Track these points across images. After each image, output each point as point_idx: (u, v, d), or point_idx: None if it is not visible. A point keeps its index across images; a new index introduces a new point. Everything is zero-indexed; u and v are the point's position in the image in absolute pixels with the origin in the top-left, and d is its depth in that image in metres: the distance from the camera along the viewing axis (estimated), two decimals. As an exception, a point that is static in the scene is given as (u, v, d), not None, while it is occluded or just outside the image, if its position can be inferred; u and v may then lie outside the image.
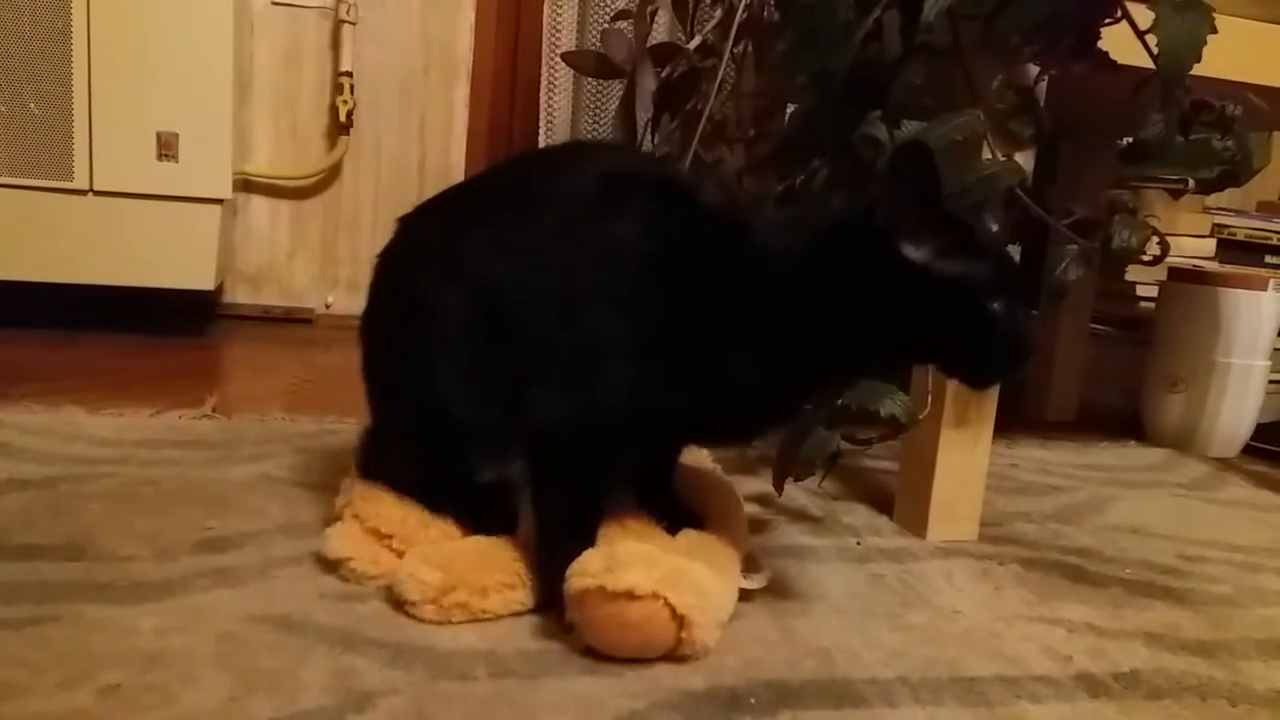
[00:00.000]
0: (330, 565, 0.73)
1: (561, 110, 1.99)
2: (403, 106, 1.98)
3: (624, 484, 0.75)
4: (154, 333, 1.64)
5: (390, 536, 0.73)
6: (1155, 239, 0.84)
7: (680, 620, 0.63)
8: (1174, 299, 1.44)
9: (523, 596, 0.69)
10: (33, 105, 1.47)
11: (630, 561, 0.63)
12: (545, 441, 0.69)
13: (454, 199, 0.80)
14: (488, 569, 0.68)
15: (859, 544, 0.90)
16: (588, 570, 0.63)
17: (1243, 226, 1.76)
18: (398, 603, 0.67)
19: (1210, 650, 0.74)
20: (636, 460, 0.75)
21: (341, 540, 0.73)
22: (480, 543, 0.72)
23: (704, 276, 0.66)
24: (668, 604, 0.62)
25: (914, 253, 0.62)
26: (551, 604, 0.67)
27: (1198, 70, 0.75)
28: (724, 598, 0.68)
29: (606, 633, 0.63)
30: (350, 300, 1.99)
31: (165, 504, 0.84)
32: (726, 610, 0.68)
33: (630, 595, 0.62)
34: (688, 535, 0.74)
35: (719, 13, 1.15)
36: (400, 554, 0.72)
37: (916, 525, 0.94)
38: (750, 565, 0.76)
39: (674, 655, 0.64)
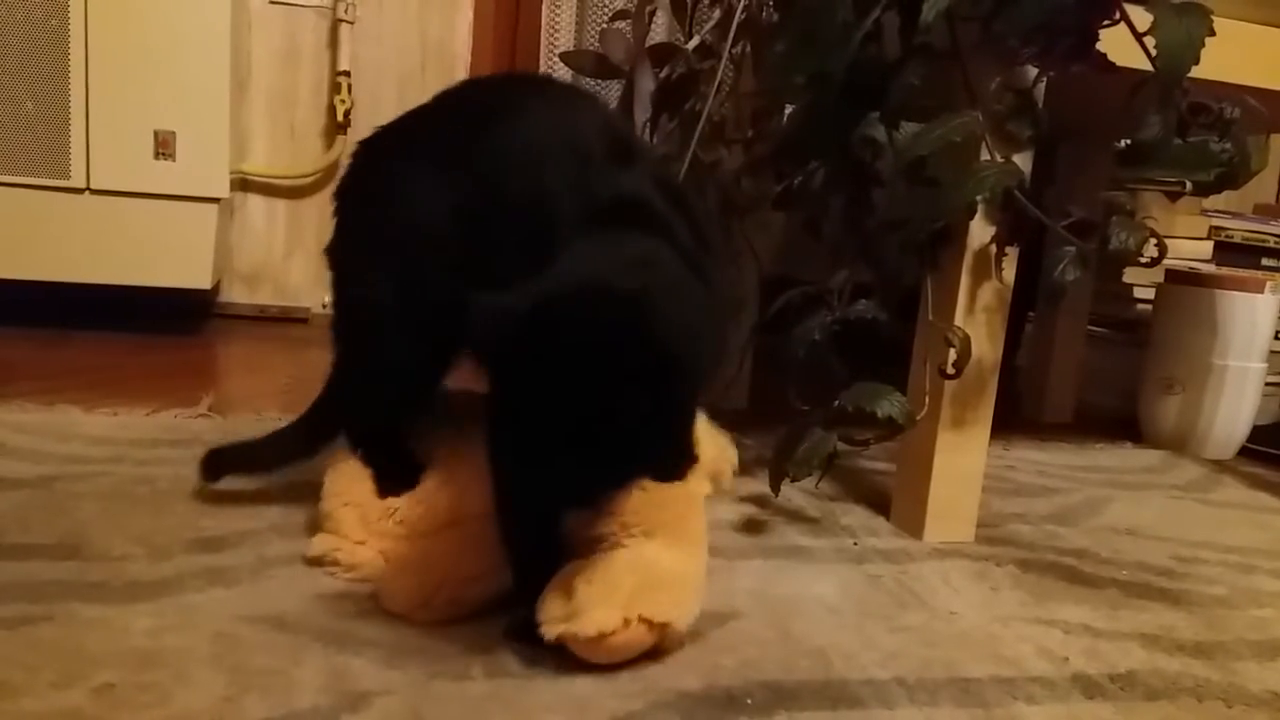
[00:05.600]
0: (317, 561, 0.73)
1: (559, 110, 1.99)
2: (400, 106, 1.93)
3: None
4: (149, 332, 1.63)
5: (363, 542, 0.74)
6: (1152, 241, 0.83)
7: (660, 627, 0.62)
8: (1171, 301, 1.44)
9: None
10: (29, 103, 1.46)
11: (592, 600, 0.61)
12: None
13: (415, 126, 0.82)
14: (468, 558, 0.67)
15: (856, 545, 0.90)
16: (554, 617, 0.61)
17: (1240, 229, 1.76)
18: (392, 613, 0.67)
19: (1206, 651, 0.74)
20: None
21: (323, 539, 0.74)
22: (454, 534, 0.71)
23: None
24: (643, 619, 0.61)
25: None
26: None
27: (1196, 72, 0.75)
28: (695, 568, 0.68)
29: (592, 658, 0.62)
30: (347, 300, 1.99)
31: (160, 503, 0.84)
32: (700, 578, 0.68)
33: (601, 636, 0.60)
34: (643, 510, 0.69)
35: (717, 13, 1.15)
36: (382, 553, 0.72)
37: (913, 526, 0.94)
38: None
39: (659, 650, 0.64)
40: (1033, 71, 0.84)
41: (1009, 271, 0.89)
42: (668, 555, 0.67)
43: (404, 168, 0.76)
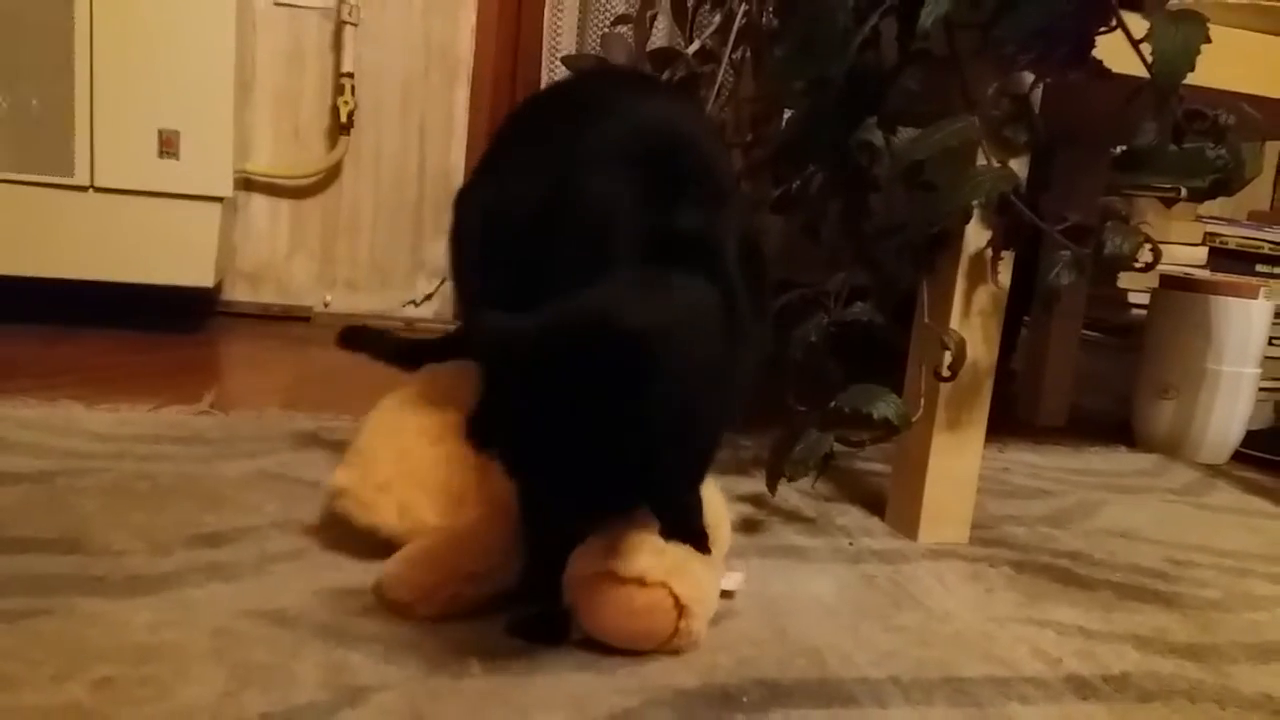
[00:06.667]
0: (338, 494, 0.75)
1: (560, 113, 2.00)
2: (403, 108, 1.99)
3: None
4: (152, 329, 1.64)
5: (385, 487, 0.75)
6: (1147, 246, 0.84)
7: (681, 610, 0.63)
8: (1165, 306, 1.45)
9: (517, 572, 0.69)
10: (35, 101, 1.47)
11: (638, 548, 0.63)
12: None
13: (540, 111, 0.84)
14: (475, 555, 0.68)
15: (851, 545, 0.91)
16: (595, 554, 0.63)
17: (1234, 235, 1.76)
18: (391, 605, 0.67)
19: (1199, 654, 0.74)
20: None
21: (346, 474, 0.75)
22: (463, 529, 0.71)
23: None
24: (672, 593, 0.63)
25: None
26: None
27: (1191, 79, 0.75)
28: (715, 592, 0.69)
29: (609, 619, 0.63)
30: (348, 299, 2.00)
31: (161, 499, 0.85)
32: (715, 605, 0.69)
33: (641, 582, 0.62)
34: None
35: (718, 18, 1.16)
36: (400, 505, 0.74)
37: (908, 527, 0.94)
38: (726, 564, 0.77)
39: (668, 646, 0.64)
40: (1029, 77, 0.85)
41: (1004, 275, 0.90)
42: (701, 566, 0.68)
43: (519, 141, 0.81)
